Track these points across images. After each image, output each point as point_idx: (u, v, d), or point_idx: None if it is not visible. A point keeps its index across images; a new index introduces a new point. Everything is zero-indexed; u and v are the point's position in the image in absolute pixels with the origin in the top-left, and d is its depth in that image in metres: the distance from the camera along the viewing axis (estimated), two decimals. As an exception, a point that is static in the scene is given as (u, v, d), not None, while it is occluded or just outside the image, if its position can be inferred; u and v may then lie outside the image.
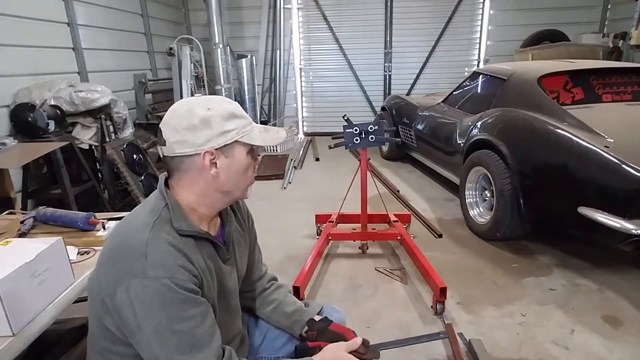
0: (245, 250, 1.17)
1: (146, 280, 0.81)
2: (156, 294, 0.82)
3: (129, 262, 0.83)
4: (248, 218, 1.21)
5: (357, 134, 2.52)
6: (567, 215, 2.33)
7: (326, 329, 1.12)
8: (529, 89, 2.88)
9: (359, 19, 6.69)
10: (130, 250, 0.84)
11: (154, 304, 0.82)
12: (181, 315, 0.84)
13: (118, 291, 0.82)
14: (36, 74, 3.39)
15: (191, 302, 0.86)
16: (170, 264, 0.84)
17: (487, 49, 6.59)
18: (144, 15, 5.35)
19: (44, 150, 2.79)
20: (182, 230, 0.91)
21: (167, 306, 0.82)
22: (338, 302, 2.27)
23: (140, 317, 0.82)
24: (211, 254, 0.99)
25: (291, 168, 4.97)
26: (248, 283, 1.24)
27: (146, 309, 0.82)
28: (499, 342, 1.92)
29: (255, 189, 1.08)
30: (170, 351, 0.83)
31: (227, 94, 5.52)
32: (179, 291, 0.83)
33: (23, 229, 1.53)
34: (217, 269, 1.00)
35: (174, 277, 0.83)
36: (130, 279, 0.82)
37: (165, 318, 0.82)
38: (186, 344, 0.84)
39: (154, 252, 0.84)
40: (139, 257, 0.83)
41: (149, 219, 0.89)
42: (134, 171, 3.53)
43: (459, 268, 2.60)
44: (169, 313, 0.82)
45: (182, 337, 0.84)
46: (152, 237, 0.86)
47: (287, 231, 3.16)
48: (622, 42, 5.26)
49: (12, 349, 0.96)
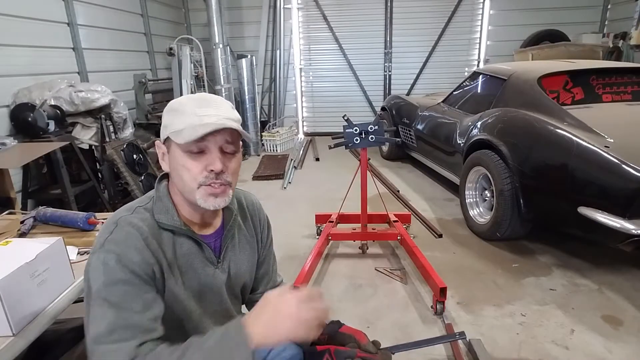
0: (251, 257, 1.13)
1: (100, 253, 0.85)
2: (103, 268, 0.84)
3: (98, 239, 0.89)
4: (262, 225, 1.18)
5: (357, 134, 2.52)
6: (567, 215, 2.33)
7: (336, 332, 1.07)
8: (529, 89, 2.88)
9: (359, 19, 6.69)
10: (103, 229, 0.90)
11: (100, 279, 0.83)
12: (121, 298, 0.83)
13: (86, 264, 0.87)
14: (36, 74, 3.40)
15: (135, 287, 0.85)
16: (126, 245, 0.86)
17: (487, 49, 6.59)
18: (144, 15, 5.35)
19: (44, 150, 2.79)
20: (162, 222, 0.93)
21: (109, 283, 0.83)
22: (338, 302, 2.27)
23: (88, 287, 0.84)
24: (191, 252, 0.97)
25: (291, 168, 4.97)
26: (260, 292, 1.20)
27: (93, 282, 0.84)
28: (499, 342, 1.92)
29: (255, 189, 1.07)
30: (98, 327, 0.81)
31: (227, 94, 5.52)
32: (125, 271, 0.84)
33: (23, 229, 1.53)
34: (196, 268, 0.98)
35: (124, 255, 0.85)
36: (93, 252, 0.87)
37: (103, 292, 0.82)
38: (117, 326, 0.81)
39: (117, 231, 0.88)
40: (106, 233, 0.88)
41: (136, 204, 0.95)
42: (134, 171, 3.53)
43: (459, 268, 2.60)
44: (110, 290, 0.82)
45: (114, 319, 0.81)
46: (124, 219, 0.90)
47: (287, 231, 3.16)
48: (622, 42, 5.26)
49: (12, 349, 0.96)
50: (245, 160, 5.60)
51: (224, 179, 0.92)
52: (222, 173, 0.91)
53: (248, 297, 1.19)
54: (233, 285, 1.08)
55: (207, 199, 0.91)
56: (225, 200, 0.94)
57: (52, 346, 1.53)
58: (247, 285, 1.14)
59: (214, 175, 0.90)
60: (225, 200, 0.94)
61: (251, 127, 5.88)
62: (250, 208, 1.15)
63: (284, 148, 6.13)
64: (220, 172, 0.90)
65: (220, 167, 0.89)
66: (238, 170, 0.98)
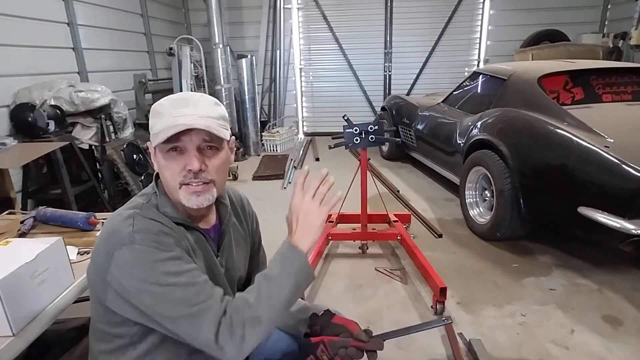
0: (244, 251, 1.17)
1: (134, 244, 0.84)
2: (146, 254, 0.84)
3: (117, 235, 0.87)
4: (252, 219, 1.21)
5: (357, 134, 2.52)
6: (567, 216, 2.33)
7: (329, 322, 1.10)
8: (529, 89, 2.88)
9: (359, 19, 6.68)
10: (118, 227, 0.88)
11: (147, 266, 0.84)
12: (176, 270, 0.85)
13: (112, 264, 0.85)
14: (36, 74, 3.39)
15: (182, 259, 0.88)
16: (155, 231, 0.87)
17: (487, 49, 6.59)
18: (144, 15, 5.35)
19: (44, 150, 2.79)
20: (169, 216, 0.94)
21: (159, 265, 0.84)
22: (338, 302, 2.27)
23: (140, 280, 0.84)
24: (201, 243, 1.00)
25: (291, 168, 4.97)
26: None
27: (141, 270, 0.84)
28: (499, 342, 1.92)
29: (255, 189, 1.07)
30: (177, 305, 0.83)
31: (227, 94, 5.52)
32: (167, 250, 0.86)
33: (23, 229, 1.53)
34: (206, 256, 1.00)
35: (160, 240, 0.86)
36: (119, 249, 0.85)
37: (162, 275, 0.83)
38: (191, 292, 0.84)
39: (140, 223, 0.88)
40: (126, 229, 0.86)
41: (138, 201, 0.95)
42: (134, 171, 3.53)
43: (459, 268, 2.59)
44: (163, 270, 0.84)
45: (184, 289, 0.84)
46: (137, 214, 0.90)
47: (287, 231, 3.16)
48: (622, 42, 5.26)
49: (12, 349, 0.96)
50: (245, 160, 5.60)
51: (203, 177, 0.92)
52: (201, 172, 0.91)
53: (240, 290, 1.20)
54: (230, 277, 1.10)
55: (189, 198, 0.92)
56: (209, 199, 0.95)
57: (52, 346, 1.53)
58: (242, 278, 1.17)
59: (192, 174, 0.91)
60: (208, 199, 0.94)
61: (251, 127, 5.88)
62: (240, 203, 1.17)
63: (284, 148, 6.13)
64: (198, 171, 0.91)
65: (198, 166, 0.90)
66: (223, 167, 0.98)
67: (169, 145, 0.90)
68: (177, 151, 0.91)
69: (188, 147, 0.90)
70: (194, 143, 0.90)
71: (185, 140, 0.89)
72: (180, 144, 0.90)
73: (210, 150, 0.93)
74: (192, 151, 0.90)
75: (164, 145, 0.90)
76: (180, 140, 0.89)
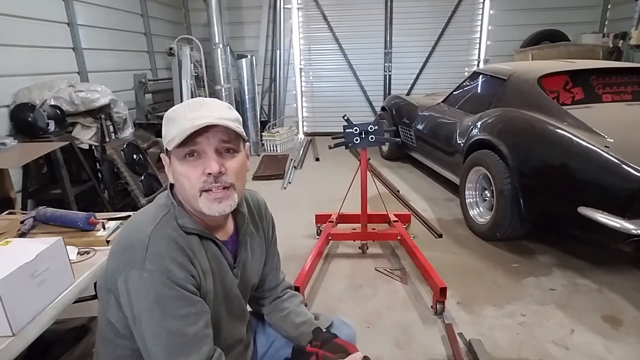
0: (259, 259, 1.15)
1: (144, 272, 0.82)
2: (152, 287, 0.82)
3: (132, 253, 0.84)
4: (269, 224, 1.18)
5: (357, 134, 2.52)
6: (567, 215, 2.33)
7: (330, 340, 1.08)
8: (529, 89, 2.88)
9: (359, 19, 6.68)
10: (134, 241, 0.86)
11: (149, 297, 0.82)
12: (174, 313, 0.84)
13: (119, 280, 0.84)
14: (36, 74, 3.39)
15: (186, 300, 0.85)
16: (169, 260, 0.85)
17: (487, 49, 6.59)
18: (144, 15, 5.35)
19: (44, 150, 2.79)
20: (187, 227, 0.91)
21: (161, 301, 0.83)
22: (338, 302, 2.27)
23: (136, 308, 0.83)
24: (216, 256, 0.97)
25: (291, 168, 4.97)
26: (262, 290, 1.21)
27: (141, 301, 0.83)
28: (499, 342, 1.92)
29: (255, 189, 1.06)
30: (160, 348, 0.83)
31: (227, 94, 5.52)
32: (175, 288, 0.84)
33: (23, 229, 1.53)
34: (221, 272, 0.98)
35: (171, 273, 0.84)
36: (130, 269, 0.83)
37: (159, 313, 0.83)
38: (177, 343, 0.84)
39: (155, 245, 0.85)
40: (141, 248, 0.84)
41: (158, 213, 0.91)
42: (134, 171, 3.53)
43: (459, 268, 2.60)
44: (162, 308, 0.83)
45: (173, 336, 0.83)
46: (156, 231, 0.87)
47: (287, 231, 3.16)
48: (622, 42, 5.26)
49: (12, 349, 0.96)
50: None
51: (224, 181, 0.89)
52: (220, 175, 0.88)
53: (251, 295, 1.19)
54: (244, 287, 1.09)
55: (211, 206, 0.89)
56: (231, 205, 0.91)
57: (52, 346, 1.54)
58: (255, 285, 1.16)
59: (212, 178, 0.87)
60: (230, 205, 0.91)
61: (251, 127, 5.87)
62: (257, 208, 1.15)
63: (284, 148, 6.13)
64: (218, 174, 0.87)
65: (217, 168, 0.86)
66: (242, 171, 0.94)
67: (186, 150, 0.87)
68: (194, 156, 0.88)
69: (206, 150, 0.88)
70: (211, 145, 0.87)
71: (202, 142, 0.87)
72: (198, 147, 0.87)
73: (228, 153, 0.90)
74: (210, 153, 0.87)
75: (180, 150, 0.87)
76: (197, 143, 0.86)
